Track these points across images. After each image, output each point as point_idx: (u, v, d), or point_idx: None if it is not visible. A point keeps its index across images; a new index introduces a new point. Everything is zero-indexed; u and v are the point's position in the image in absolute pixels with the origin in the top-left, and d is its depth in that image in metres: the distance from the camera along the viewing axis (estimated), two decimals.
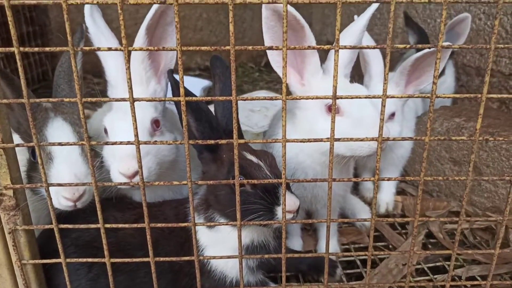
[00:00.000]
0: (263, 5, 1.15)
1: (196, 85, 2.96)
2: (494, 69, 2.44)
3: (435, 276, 1.42)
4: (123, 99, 0.90)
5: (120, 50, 0.86)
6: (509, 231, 1.54)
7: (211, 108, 1.22)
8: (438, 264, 1.49)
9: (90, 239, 1.24)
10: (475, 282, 1.31)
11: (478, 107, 1.95)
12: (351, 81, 1.35)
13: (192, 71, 4.12)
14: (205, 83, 3.17)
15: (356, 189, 1.95)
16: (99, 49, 0.89)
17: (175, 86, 1.15)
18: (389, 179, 1.03)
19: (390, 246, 1.61)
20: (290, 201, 1.01)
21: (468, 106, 1.97)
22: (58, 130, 1.19)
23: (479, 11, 2.50)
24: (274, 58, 1.23)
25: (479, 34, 2.51)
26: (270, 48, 0.90)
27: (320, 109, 1.24)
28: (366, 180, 1.06)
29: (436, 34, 2.85)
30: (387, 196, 1.85)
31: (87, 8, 1.28)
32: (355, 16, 1.82)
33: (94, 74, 3.77)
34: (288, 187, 1.08)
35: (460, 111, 1.86)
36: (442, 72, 2.42)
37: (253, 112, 2.27)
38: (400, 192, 1.95)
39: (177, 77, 1.20)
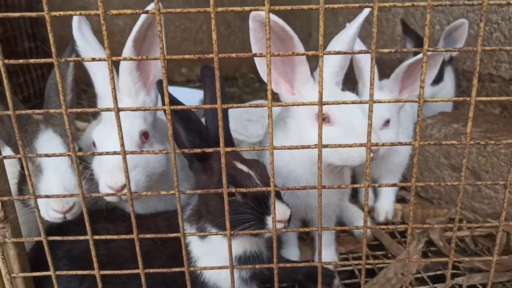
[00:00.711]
0: (251, 17, 1.15)
1: (194, 96, 2.96)
2: (494, 74, 2.42)
3: (435, 285, 1.39)
4: (108, 109, 0.90)
5: (104, 60, 0.87)
6: (510, 238, 1.51)
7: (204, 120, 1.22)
8: (438, 272, 1.46)
9: (83, 251, 1.23)
10: None
11: (476, 111, 1.93)
12: (343, 90, 1.34)
13: (192, 83, 4.14)
14: None
15: (355, 197, 1.93)
16: (83, 59, 0.89)
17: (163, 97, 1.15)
18: (379, 186, 1.01)
19: (390, 255, 1.58)
20: (281, 210, 1.00)
21: (466, 111, 1.95)
22: (48, 142, 1.19)
23: (477, 17, 2.49)
24: (262, 68, 1.23)
25: (477, 39, 2.50)
26: (254, 55, 0.90)
27: (310, 118, 1.24)
28: (356, 187, 1.05)
29: (435, 40, 2.84)
30: (386, 204, 1.83)
31: (75, 20, 1.29)
32: (347, 25, 1.82)
33: (87, 84, 3.82)
34: (278, 196, 1.07)
35: (458, 116, 1.85)
36: (441, 78, 2.40)
37: (250, 122, 2.27)
38: (400, 200, 1.92)
39: (173, 89, 1.22)
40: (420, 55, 1.53)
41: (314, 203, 1.34)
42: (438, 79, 2.34)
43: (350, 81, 1.90)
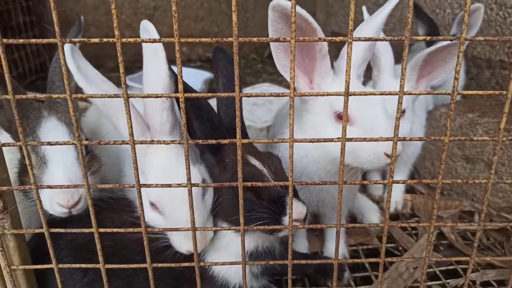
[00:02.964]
0: (270, 7, 1.07)
1: (197, 77, 2.88)
2: (506, 61, 2.36)
3: (448, 281, 1.35)
4: (117, 96, 0.83)
5: (113, 41, 0.79)
6: None
7: (213, 103, 1.14)
8: (450, 267, 1.42)
9: (86, 242, 1.18)
10: None
11: (491, 102, 1.87)
12: (364, 83, 1.27)
13: (193, 62, 4.04)
14: (207, 75, 3.09)
15: (363, 187, 1.88)
16: (89, 40, 0.81)
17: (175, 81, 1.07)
18: (404, 182, 0.96)
19: (400, 248, 1.54)
20: (297, 209, 0.95)
21: (481, 101, 1.89)
22: (53, 131, 1.12)
23: (490, 0, 2.41)
24: (281, 62, 1.15)
25: (490, 25, 2.42)
26: (277, 40, 0.82)
27: (328, 115, 1.16)
28: (380, 183, 0.99)
29: (445, 25, 2.76)
30: (396, 195, 1.78)
31: (67, 50, 1.04)
32: (363, 8, 1.73)
33: (93, 66, 3.71)
34: (295, 194, 1.01)
35: (473, 106, 1.79)
36: None
37: (256, 106, 2.19)
38: (409, 190, 1.88)
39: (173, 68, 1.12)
40: (440, 44, 1.47)
41: (327, 198, 1.28)
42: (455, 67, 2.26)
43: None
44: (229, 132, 1.10)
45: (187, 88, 1.07)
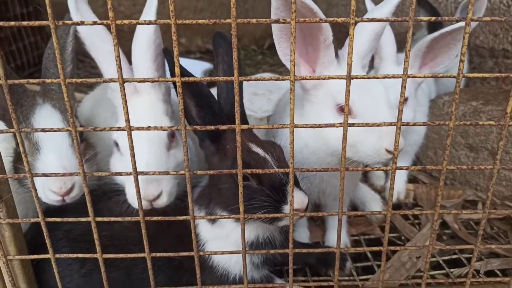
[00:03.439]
0: None
1: (196, 67, 2.85)
2: (509, 50, 2.32)
3: (451, 270, 1.34)
4: (112, 80, 0.81)
5: (107, 24, 0.77)
6: None
7: (214, 92, 1.12)
8: (454, 257, 1.40)
9: (83, 232, 1.16)
10: (497, 279, 1.22)
11: (494, 89, 1.84)
12: (367, 72, 1.24)
13: (192, 54, 4.00)
14: (206, 65, 3.06)
15: (365, 176, 1.86)
16: (82, 22, 0.79)
17: (173, 66, 1.05)
18: (407, 168, 0.93)
19: (402, 237, 1.52)
20: (298, 199, 0.92)
21: (484, 88, 1.86)
22: (47, 118, 1.10)
23: None
24: (283, 51, 1.12)
25: (494, 13, 2.39)
26: (277, 21, 0.80)
27: (329, 106, 1.13)
28: (382, 170, 0.97)
29: (448, 14, 2.72)
30: (398, 184, 1.76)
31: (71, 1, 1.13)
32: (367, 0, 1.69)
33: (92, 58, 3.68)
34: (296, 183, 0.99)
35: (476, 94, 1.76)
36: None
37: (256, 96, 2.17)
38: (411, 180, 1.86)
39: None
40: (444, 29, 1.44)
41: (328, 188, 1.26)
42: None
43: None
44: (229, 119, 1.08)
45: (185, 74, 1.05)
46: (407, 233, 1.53)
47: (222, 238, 1.09)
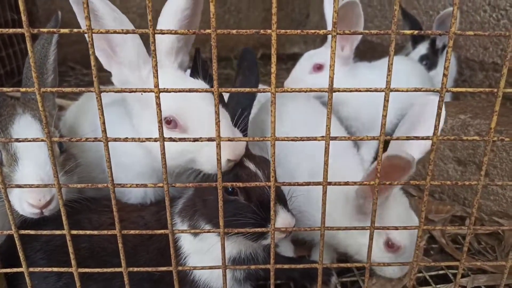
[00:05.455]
0: None
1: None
2: (499, 63, 2.34)
3: (438, 286, 1.32)
4: (88, 90, 0.79)
5: (83, 33, 0.75)
6: None
7: None
8: (441, 272, 1.38)
9: (62, 243, 1.13)
10: None
11: (483, 103, 1.84)
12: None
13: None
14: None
15: None
16: (58, 31, 0.77)
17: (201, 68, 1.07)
18: (391, 184, 0.92)
19: None
20: (285, 220, 0.91)
21: (473, 102, 1.86)
22: (26, 128, 1.07)
23: (484, 2, 2.39)
24: None
25: (484, 27, 2.40)
26: (258, 32, 0.79)
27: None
28: (366, 184, 0.95)
29: (430, 28, 2.74)
30: None
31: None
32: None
33: (83, 65, 3.65)
34: (284, 203, 0.97)
35: (465, 107, 1.76)
36: (434, 65, 2.32)
37: None
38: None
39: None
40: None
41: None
42: (430, 67, 2.28)
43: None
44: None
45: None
46: None
47: (205, 252, 1.06)
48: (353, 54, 1.78)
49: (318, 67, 1.77)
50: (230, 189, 0.93)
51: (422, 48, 2.37)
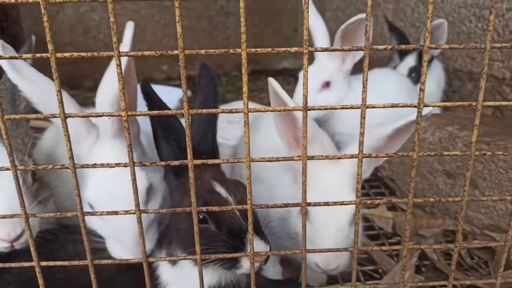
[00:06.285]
0: None
1: (172, 95, 2.83)
2: (487, 73, 2.34)
3: None
4: (53, 115, 0.77)
5: (47, 57, 0.73)
6: (511, 251, 1.42)
7: None
8: None
9: (35, 275, 1.09)
10: None
11: (472, 114, 1.83)
12: None
13: (173, 80, 3.99)
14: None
15: None
16: (20, 56, 0.75)
17: (148, 99, 1.01)
18: (371, 202, 0.89)
19: (380, 270, 1.47)
20: (257, 250, 0.88)
21: (461, 113, 1.86)
22: None
23: (469, 13, 2.41)
24: None
25: (470, 37, 2.42)
26: (227, 51, 0.77)
27: None
28: (346, 204, 0.93)
29: (419, 39, 2.76)
30: None
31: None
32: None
33: (71, 87, 3.63)
34: (258, 231, 0.94)
35: (452, 119, 1.75)
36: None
37: (230, 124, 2.14)
38: (390, 207, 1.81)
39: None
40: (354, 18, 1.58)
41: None
42: (417, 79, 2.28)
43: None
44: (196, 154, 1.03)
45: (158, 104, 1.01)
46: (385, 265, 1.48)
47: (183, 281, 1.03)
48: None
49: (326, 84, 1.79)
50: (200, 217, 0.91)
51: (411, 60, 2.38)
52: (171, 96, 2.78)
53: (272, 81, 1.04)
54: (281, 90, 1.04)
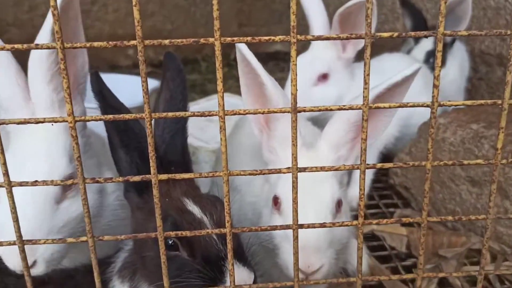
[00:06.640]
0: None
1: (139, 86, 2.80)
2: None
3: None
4: None
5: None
6: None
7: None
8: None
9: None
10: None
11: (498, 110, 1.85)
12: None
13: None
14: (156, 83, 3.01)
15: None
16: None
17: (100, 98, 1.00)
18: (377, 223, 0.89)
19: None
20: (240, 279, 0.87)
21: (488, 107, 1.87)
22: None
23: None
24: None
25: (500, 13, 2.43)
26: (197, 41, 0.77)
27: None
28: (348, 225, 0.93)
29: (433, 18, 2.77)
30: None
31: None
32: None
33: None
34: (241, 256, 0.93)
35: (477, 114, 1.76)
36: (442, 62, 2.34)
37: (210, 123, 2.13)
38: (405, 223, 1.83)
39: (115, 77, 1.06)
40: (353, 1, 1.61)
41: None
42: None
43: None
44: (163, 165, 1.02)
45: (113, 105, 1.00)
46: None
47: None
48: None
49: (323, 76, 1.80)
50: (169, 242, 0.90)
51: (428, 43, 2.39)
52: (138, 88, 2.76)
53: (241, 47, 1.04)
54: (252, 56, 1.04)
